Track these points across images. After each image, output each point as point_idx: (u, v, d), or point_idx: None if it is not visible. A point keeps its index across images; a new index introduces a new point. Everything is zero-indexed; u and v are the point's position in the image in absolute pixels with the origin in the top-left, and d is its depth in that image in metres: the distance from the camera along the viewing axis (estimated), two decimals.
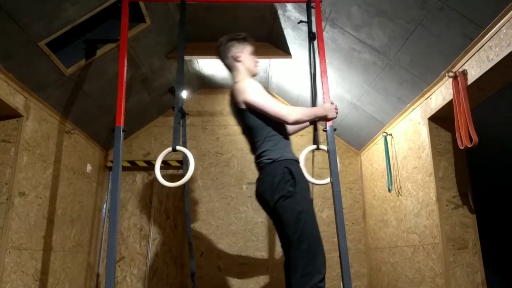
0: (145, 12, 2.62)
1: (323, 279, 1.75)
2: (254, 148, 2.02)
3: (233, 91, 2.02)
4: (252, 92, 1.93)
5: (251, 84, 1.97)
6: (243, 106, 1.95)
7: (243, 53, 2.11)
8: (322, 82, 2.17)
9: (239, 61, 2.09)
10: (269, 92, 2.03)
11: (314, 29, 2.36)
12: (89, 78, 2.77)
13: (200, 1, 2.68)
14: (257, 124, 1.95)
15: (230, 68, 2.13)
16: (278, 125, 1.98)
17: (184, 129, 2.56)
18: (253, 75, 2.13)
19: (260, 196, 1.94)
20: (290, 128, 2.19)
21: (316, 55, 2.32)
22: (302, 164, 2.17)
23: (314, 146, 2.24)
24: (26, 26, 2.09)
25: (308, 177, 2.16)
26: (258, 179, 1.97)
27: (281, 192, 1.82)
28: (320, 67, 2.20)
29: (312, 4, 2.35)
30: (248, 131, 2.02)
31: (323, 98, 2.14)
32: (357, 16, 2.42)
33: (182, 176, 2.14)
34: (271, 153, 1.91)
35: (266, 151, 1.93)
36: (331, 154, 2.03)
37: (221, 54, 2.13)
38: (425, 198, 2.63)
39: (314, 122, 2.16)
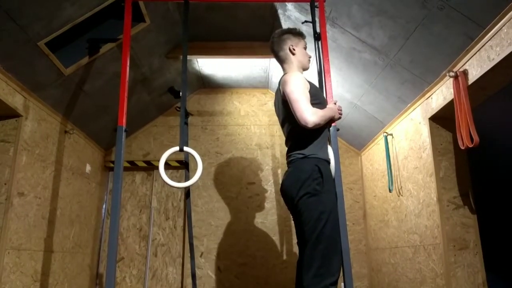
0: (145, 12, 2.62)
1: (335, 283, 1.74)
2: (289, 140, 2.02)
3: (280, 81, 2.04)
4: (293, 85, 1.91)
5: (296, 77, 1.95)
6: (284, 97, 1.96)
7: (298, 46, 2.11)
8: (325, 82, 2.17)
9: (294, 54, 2.09)
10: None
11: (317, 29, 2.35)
12: (89, 78, 2.76)
13: (202, 0, 2.67)
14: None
15: (284, 60, 2.12)
16: None
17: (187, 128, 2.55)
18: (305, 69, 2.13)
19: (285, 190, 1.93)
20: None
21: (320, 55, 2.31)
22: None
23: None
24: (26, 25, 2.08)
25: None
26: (286, 172, 1.97)
27: (307, 189, 1.81)
28: (324, 67, 2.20)
29: (316, 3, 2.34)
30: (288, 122, 2.00)
31: (326, 98, 2.13)
32: (358, 15, 2.41)
33: (183, 176, 2.13)
34: (305, 148, 1.91)
35: (299, 145, 1.92)
36: (334, 154, 2.02)
37: (276, 45, 2.13)
38: (426, 198, 2.62)
39: None
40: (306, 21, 2.50)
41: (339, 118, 2.05)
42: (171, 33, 3.03)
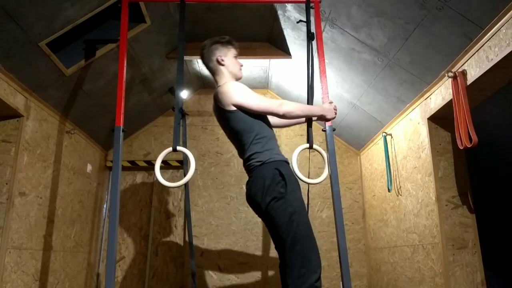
0: (145, 12, 2.63)
1: (319, 278, 1.76)
2: (242, 152, 2.02)
3: (217, 95, 1.99)
4: (238, 93, 1.92)
5: (236, 86, 1.95)
6: (231, 108, 1.94)
7: (227, 56, 2.08)
8: (321, 82, 2.17)
9: (222, 65, 2.07)
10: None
11: (313, 29, 2.36)
12: (90, 78, 2.77)
13: (199, 1, 2.68)
14: (244, 126, 1.95)
15: (214, 71, 2.10)
16: (264, 126, 1.99)
17: (184, 129, 2.56)
18: (237, 79, 2.09)
19: (251, 199, 1.93)
20: (283, 120, 2.18)
21: (315, 55, 2.32)
22: (295, 164, 2.15)
23: (307, 145, 2.17)
24: (27, 26, 2.09)
25: (302, 176, 2.13)
26: (248, 182, 1.96)
27: (272, 194, 1.82)
28: (319, 67, 2.20)
29: (311, 4, 2.35)
30: (235, 135, 2.01)
31: (322, 98, 2.14)
32: (357, 16, 2.42)
33: (183, 176, 2.14)
34: (260, 155, 1.91)
35: (254, 153, 1.92)
36: (330, 154, 2.03)
37: (205, 57, 2.11)
38: (425, 198, 2.63)
39: (310, 120, 2.14)
40: (301, 21, 2.51)
41: (333, 117, 2.05)
42: (172, 33, 3.04)
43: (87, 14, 2.32)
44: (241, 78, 2.12)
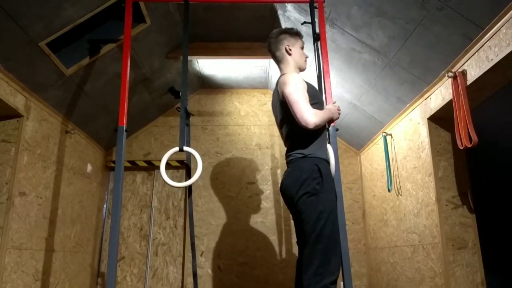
0: (145, 12, 2.63)
1: (334, 282, 1.74)
2: (288, 140, 2.02)
3: (278, 82, 2.03)
4: (292, 86, 1.91)
5: (294, 78, 1.95)
6: (282, 98, 1.96)
7: (295, 46, 2.10)
8: (324, 83, 2.18)
9: (290, 54, 2.08)
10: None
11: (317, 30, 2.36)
12: (90, 78, 2.77)
13: (202, 1, 2.68)
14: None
15: (280, 60, 2.12)
16: None
17: (188, 129, 2.56)
18: (302, 69, 2.13)
19: (285, 189, 1.93)
20: None
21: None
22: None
23: None
24: (27, 26, 2.09)
25: None
26: (286, 172, 1.98)
27: (306, 189, 1.82)
28: (323, 68, 2.21)
29: (315, 4, 2.35)
30: (284, 123, 2.01)
31: (326, 99, 2.14)
32: (357, 16, 2.42)
33: (183, 176, 2.14)
34: (304, 148, 1.91)
35: (299, 145, 1.93)
36: (333, 154, 2.03)
37: (273, 46, 2.12)
38: (425, 198, 2.63)
39: None
40: (305, 22, 2.51)
41: (338, 118, 2.06)
42: (172, 33, 3.04)
43: (87, 14, 2.32)
44: (305, 69, 2.15)
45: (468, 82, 2.11)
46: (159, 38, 3.00)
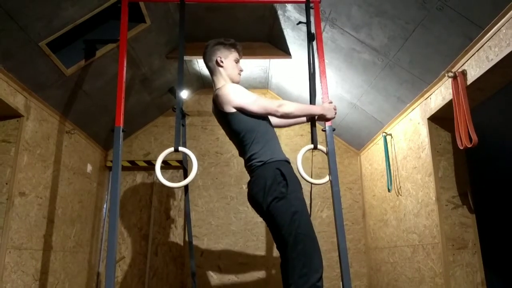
0: (145, 12, 2.63)
1: (320, 278, 1.76)
2: (243, 152, 2.02)
3: (216, 98, 2.00)
4: (238, 95, 1.93)
5: (234, 88, 1.96)
6: (232, 110, 1.94)
7: (228, 59, 2.08)
8: (321, 82, 2.18)
9: (221, 66, 2.07)
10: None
11: (313, 30, 2.36)
12: (89, 78, 2.77)
13: (199, 1, 2.68)
14: (245, 127, 1.95)
15: (212, 71, 2.10)
16: (265, 126, 1.99)
17: (184, 129, 2.56)
18: (234, 82, 2.08)
19: (253, 199, 1.93)
20: (284, 120, 2.20)
21: (315, 55, 2.32)
22: (299, 164, 2.18)
23: (312, 146, 2.20)
24: (26, 26, 2.09)
25: (306, 177, 2.17)
26: (250, 182, 1.97)
27: (273, 194, 1.82)
28: (319, 67, 2.21)
29: (311, 4, 2.35)
30: (236, 136, 2.01)
31: (322, 98, 2.15)
32: (357, 16, 2.42)
33: (182, 176, 2.15)
34: (261, 155, 1.91)
35: (255, 153, 1.93)
36: (330, 154, 2.04)
37: (206, 56, 2.11)
38: (425, 198, 2.63)
39: (312, 120, 2.16)
40: (300, 22, 2.51)
41: (333, 117, 2.06)
42: (172, 33, 3.04)
43: (87, 14, 2.32)
44: (239, 82, 2.10)
45: (468, 82, 2.11)
46: (159, 38, 3.00)
